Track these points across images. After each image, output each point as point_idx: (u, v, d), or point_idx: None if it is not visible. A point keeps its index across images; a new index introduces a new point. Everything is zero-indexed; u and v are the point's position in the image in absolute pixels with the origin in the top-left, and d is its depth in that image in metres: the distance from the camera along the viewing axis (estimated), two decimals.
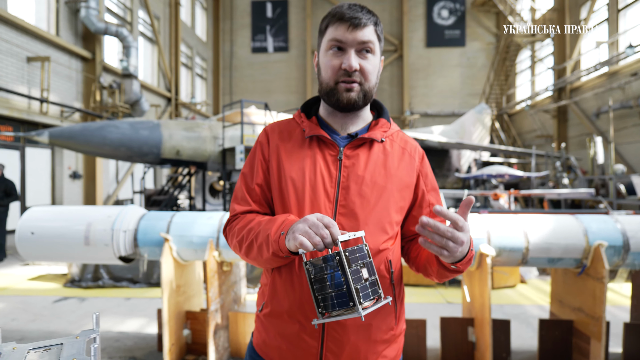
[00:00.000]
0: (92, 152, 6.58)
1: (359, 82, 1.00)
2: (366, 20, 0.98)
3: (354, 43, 0.98)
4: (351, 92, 0.99)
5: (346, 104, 1.01)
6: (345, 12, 0.98)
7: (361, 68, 0.99)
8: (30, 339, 3.38)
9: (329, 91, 1.02)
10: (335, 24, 0.99)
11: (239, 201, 1.06)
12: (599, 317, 2.50)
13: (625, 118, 12.70)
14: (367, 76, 1.00)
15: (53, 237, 2.87)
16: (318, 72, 1.07)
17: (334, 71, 1.00)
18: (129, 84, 12.69)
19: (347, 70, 0.98)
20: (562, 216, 2.75)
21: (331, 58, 1.00)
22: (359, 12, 0.98)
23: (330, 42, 1.00)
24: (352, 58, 0.97)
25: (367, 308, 0.81)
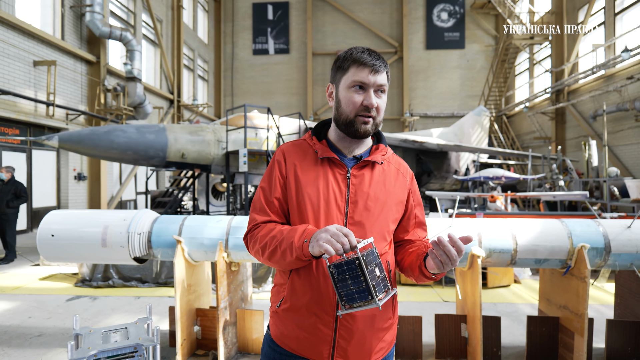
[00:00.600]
0: (100, 155, 6.77)
1: (373, 117, 1.19)
2: (383, 67, 1.19)
3: (374, 85, 1.18)
4: (367, 124, 1.19)
5: (362, 134, 1.21)
6: (367, 58, 1.18)
7: (377, 105, 1.19)
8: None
9: (348, 122, 1.21)
10: (357, 66, 1.18)
11: (259, 212, 1.25)
12: (582, 314, 2.69)
13: (622, 121, 12.89)
14: (380, 112, 1.21)
15: (72, 240, 3.06)
16: (336, 103, 1.25)
17: (355, 106, 1.19)
18: (132, 86, 12.89)
19: (368, 107, 1.17)
20: (548, 220, 2.94)
21: (353, 95, 1.19)
22: (377, 60, 1.18)
23: (354, 82, 1.18)
24: (372, 97, 1.17)
25: (382, 299, 1.00)
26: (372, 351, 1.17)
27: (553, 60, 16.87)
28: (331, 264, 1.03)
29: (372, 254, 1.04)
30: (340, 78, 1.23)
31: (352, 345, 1.15)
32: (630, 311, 3.08)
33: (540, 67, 18.57)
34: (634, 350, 2.95)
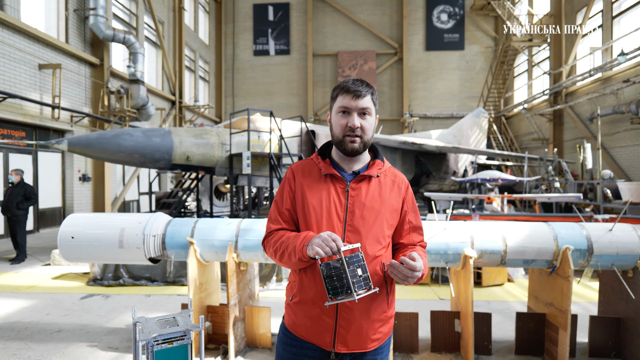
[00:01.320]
0: (107, 158, 6.98)
1: (359, 136, 1.40)
2: (365, 92, 1.39)
3: (357, 109, 1.39)
4: (354, 143, 1.40)
5: (350, 152, 1.42)
6: (350, 86, 1.40)
7: (361, 126, 1.40)
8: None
9: (338, 142, 1.43)
10: (343, 94, 1.41)
11: (273, 221, 1.48)
12: (566, 310, 2.91)
13: (618, 123, 13.10)
14: (365, 131, 1.41)
15: (91, 241, 3.27)
16: (330, 127, 1.48)
17: (342, 128, 1.41)
18: (136, 89, 13.10)
19: (352, 128, 1.39)
20: (536, 223, 3.16)
21: (340, 118, 1.41)
22: (359, 86, 1.39)
23: (340, 107, 1.41)
24: (355, 119, 1.38)
25: (361, 295, 1.22)
26: (369, 339, 1.39)
27: (551, 62, 17.08)
28: (322, 263, 1.26)
29: (357, 257, 1.26)
30: (332, 105, 1.46)
31: (351, 334, 1.36)
32: (613, 308, 3.30)
33: (538, 69, 18.78)
34: (615, 344, 3.17)
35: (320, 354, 1.40)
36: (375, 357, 1.42)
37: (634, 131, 12.38)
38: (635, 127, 12.21)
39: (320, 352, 1.40)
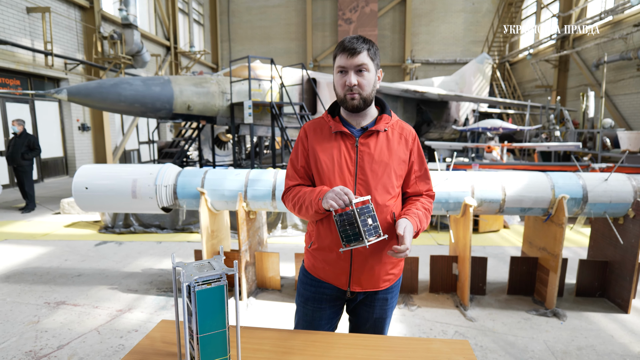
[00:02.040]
0: (108, 108, 6.93)
1: (358, 93, 1.45)
2: (360, 48, 1.41)
3: (352, 66, 1.42)
4: (354, 100, 1.45)
5: (352, 108, 1.48)
6: (346, 44, 1.42)
7: (359, 83, 1.44)
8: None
9: (341, 101, 1.49)
10: (340, 53, 1.43)
11: (290, 178, 1.57)
12: (557, 254, 3.11)
13: (624, 69, 12.84)
14: (363, 88, 1.45)
15: (105, 192, 3.39)
16: (334, 87, 1.52)
17: (342, 87, 1.45)
18: (129, 34, 12.61)
19: (349, 86, 1.43)
20: (534, 173, 3.26)
21: (339, 78, 1.46)
22: (355, 44, 1.41)
23: (337, 67, 1.45)
24: (352, 77, 1.42)
25: (371, 241, 1.34)
26: (380, 280, 1.54)
27: (561, 4, 16.34)
28: (336, 214, 1.37)
29: (367, 208, 1.37)
30: (334, 65, 1.49)
31: (364, 275, 1.51)
32: (602, 252, 3.50)
33: (547, 11, 17.99)
34: (600, 285, 3.41)
35: (337, 292, 1.56)
36: (386, 295, 1.58)
37: (639, 78, 12.18)
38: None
39: (337, 290, 1.55)
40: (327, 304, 1.58)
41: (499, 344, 2.72)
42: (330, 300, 1.58)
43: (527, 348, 2.66)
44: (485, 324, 2.99)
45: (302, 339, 1.44)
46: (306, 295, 1.60)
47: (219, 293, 1.15)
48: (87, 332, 2.92)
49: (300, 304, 1.64)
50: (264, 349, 1.36)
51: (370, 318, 1.60)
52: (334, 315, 1.62)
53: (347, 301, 1.62)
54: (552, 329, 2.90)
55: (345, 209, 1.36)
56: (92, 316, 3.16)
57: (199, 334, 1.14)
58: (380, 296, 1.57)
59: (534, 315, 3.12)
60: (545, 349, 2.65)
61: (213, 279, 1.14)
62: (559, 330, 2.89)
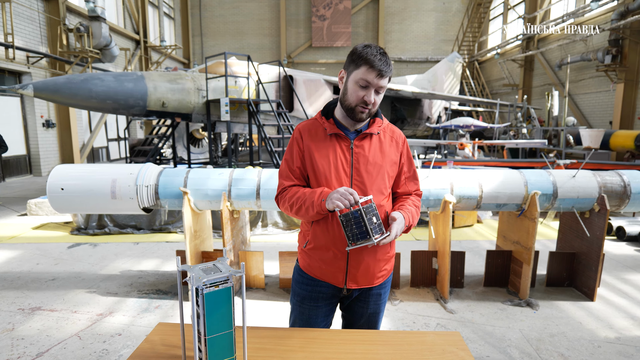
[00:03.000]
0: (78, 105, 6.67)
1: (369, 109, 1.50)
2: (388, 72, 1.46)
3: (376, 86, 1.46)
4: (363, 114, 1.50)
5: (358, 120, 1.53)
6: (377, 64, 1.42)
7: (374, 102, 1.48)
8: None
9: (350, 109, 1.51)
10: (368, 68, 1.44)
11: (285, 178, 1.60)
12: (530, 247, 3.28)
13: (584, 70, 13.52)
14: (375, 105, 1.51)
15: (83, 193, 3.29)
16: (344, 89, 1.53)
17: (358, 99, 1.48)
18: (97, 26, 12.15)
19: (367, 102, 1.47)
20: (509, 170, 3.42)
21: (358, 89, 1.47)
22: (385, 66, 1.44)
23: (361, 80, 1.45)
24: (372, 95, 1.46)
25: (378, 239, 1.40)
26: (375, 276, 1.60)
27: (526, 6, 16.98)
28: (341, 214, 1.42)
29: (371, 207, 1.43)
30: (352, 71, 1.49)
31: (360, 272, 1.56)
32: (569, 244, 3.72)
33: (514, 12, 18.65)
34: (568, 275, 3.63)
35: (333, 290, 1.61)
36: (380, 290, 1.65)
37: (598, 78, 12.87)
38: (599, 75, 12.67)
39: (333, 288, 1.60)
40: (323, 302, 1.63)
41: (478, 334, 2.85)
42: (327, 298, 1.63)
43: (504, 337, 2.81)
44: (465, 316, 3.13)
45: (302, 336, 1.48)
46: (302, 294, 1.64)
47: (226, 295, 1.17)
48: (67, 337, 2.84)
49: (296, 303, 1.67)
50: (266, 348, 1.39)
51: (365, 314, 1.66)
52: (329, 313, 1.67)
53: (342, 298, 1.67)
54: (527, 318, 3.07)
55: (349, 209, 1.41)
56: (71, 321, 3.08)
57: (207, 335, 1.16)
58: (375, 292, 1.63)
59: (509, 305, 3.29)
60: (521, 337, 2.80)
61: (220, 280, 1.16)
62: (533, 319, 3.06)
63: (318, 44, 22.17)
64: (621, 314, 3.15)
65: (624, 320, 3.04)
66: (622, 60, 11.54)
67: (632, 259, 4.45)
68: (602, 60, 11.82)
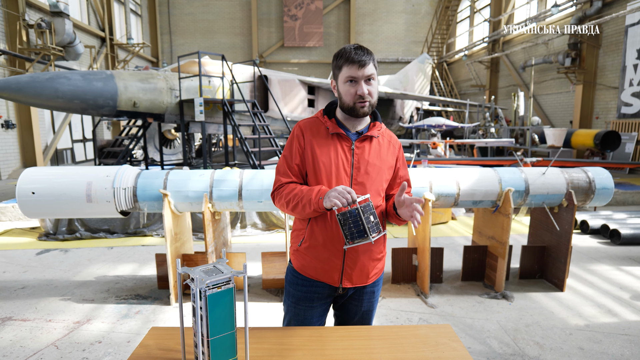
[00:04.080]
0: (43, 105, 6.37)
1: (368, 101, 1.53)
2: (368, 60, 1.49)
3: (363, 77, 1.50)
4: (364, 107, 1.53)
5: (362, 115, 1.55)
6: (354, 57, 1.48)
7: (369, 92, 1.52)
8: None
9: (350, 109, 1.54)
10: (348, 65, 1.49)
11: (282, 175, 1.60)
12: (505, 242, 3.42)
13: (546, 72, 14.17)
14: (372, 95, 1.54)
15: (55, 196, 3.16)
16: (339, 95, 1.58)
17: (352, 96, 1.51)
18: (60, 22, 11.62)
19: (361, 96, 1.50)
20: (484, 169, 3.56)
21: (349, 88, 1.51)
22: (363, 56, 1.48)
23: (347, 77, 1.50)
24: (363, 87, 1.50)
25: (375, 237, 1.43)
26: (369, 275, 1.63)
27: (492, 9, 17.60)
28: (339, 213, 1.44)
29: (368, 206, 1.46)
30: (338, 75, 1.55)
31: (356, 271, 1.59)
32: (540, 238, 3.91)
33: (480, 15, 19.29)
34: (539, 267, 3.81)
35: (328, 289, 1.63)
36: (373, 288, 1.68)
37: (559, 80, 13.53)
38: (560, 76, 13.32)
39: (328, 288, 1.62)
40: (319, 302, 1.65)
41: (459, 327, 2.96)
42: (322, 298, 1.65)
43: (483, 329, 2.92)
44: (445, 310, 3.23)
45: (299, 335, 1.50)
46: (297, 295, 1.65)
47: (229, 296, 1.18)
48: (43, 348, 2.73)
49: (291, 305, 1.68)
50: (265, 347, 1.40)
51: (358, 311, 1.69)
52: (323, 312, 1.69)
53: (336, 297, 1.70)
54: (503, 310, 3.21)
55: (347, 208, 1.43)
56: (47, 330, 2.95)
57: (209, 337, 1.15)
58: (368, 290, 1.67)
59: (486, 298, 3.42)
60: (499, 328, 2.93)
61: (223, 282, 1.16)
62: (509, 311, 3.20)
63: (290, 43, 22.12)
64: (589, 302, 3.34)
65: (591, 309, 3.23)
66: (580, 63, 12.18)
67: (595, 250, 4.73)
68: (562, 63, 12.43)
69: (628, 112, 10.63)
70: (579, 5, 12.22)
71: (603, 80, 11.71)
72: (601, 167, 3.63)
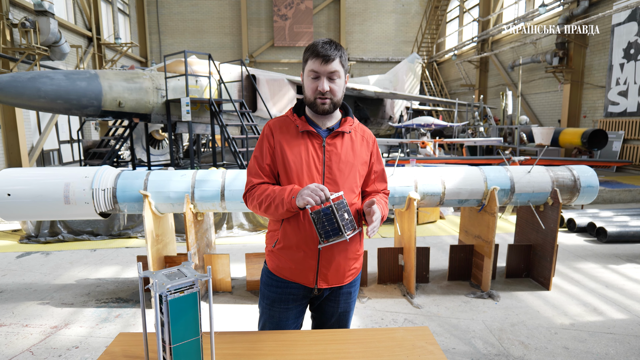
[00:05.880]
0: (25, 105, 6.25)
1: (329, 98, 1.49)
2: (334, 56, 1.45)
3: (325, 73, 1.45)
4: (325, 105, 1.49)
5: (322, 112, 1.51)
6: (319, 50, 1.43)
7: (331, 89, 1.47)
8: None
9: (311, 104, 1.51)
10: (313, 58, 1.45)
11: (254, 175, 1.55)
12: (490, 241, 3.41)
13: (534, 71, 14.27)
14: (335, 93, 1.49)
15: (32, 198, 3.07)
16: (303, 89, 1.55)
17: (313, 91, 1.48)
18: (44, 22, 11.42)
19: (321, 92, 1.46)
20: (470, 167, 3.54)
21: (310, 82, 1.48)
22: (328, 50, 1.44)
23: (310, 72, 1.46)
24: (325, 83, 1.46)
25: (350, 234, 1.39)
26: (345, 275, 1.59)
27: (481, 9, 17.70)
28: (312, 211, 1.40)
29: (342, 203, 1.42)
30: (304, 67, 1.52)
31: (331, 272, 1.55)
32: (526, 237, 3.90)
33: (469, 15, 19.39)
34: (525, 266, 3.81)
35: (304, 290, 1.58)
36: (350, 289, 1.64)
37: (547, 79, 13.63)
38: (548, 76, 13.43)
39: (303, 289, 1.58)
40: (294, 303, 1.60)
41: (444, 327, 2.93)
42: (297, 300, 1.60)
43: (468, 329, 2.90)
44: (431, 310, 3.20)
45: (272, 339, 1.45)
46: (272, 297, 1.60)
47: (192, 300, 1.12)
48: (17, 354, 2.64)
49: (265, 307, 1.63)
50: (235, 353, 1.34)
51: (335, 313, 1.65)
52: (299, 314, 1.65)
53: (312, 299, 1.65)
54: (489, 309, 3.19)
55: (321, 206, 1.39)
56: (22, 336, 2.87)
57: (172, 344, 1.10)
58: (345, 290, 1.63)
59: (472, 298, 3.40)
60: (484, 328, 2.90)
61: (185, 286, 1.11)
62: (495, 310, 3.18)
63: (280, 43, 22.04)
64: (575, 301, 3.34)
65: (577, 307, 3.22)
66: (568, 62, 12.29)
67: (582, 249, 4.74)
68: (550, 62, 12.52)
69: (615, 111, 10.74)
70: (566, 5, 12.33)
71: (590, 80, 11.82)
72: (586, 165, 3.63)
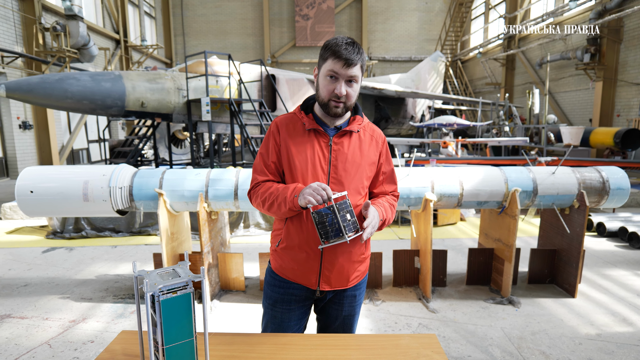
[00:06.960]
0: (53, 105, 6.47)
1: (344, 102, 1.44)
2: (356, 60, 1.39)
3: (345, 76, 1.40)
4: (338, 108, 1.44)
5: (333, 115, 1.47)
6: (342, 52, 1.37)
7: (347, 93, 1.42)
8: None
9: (324, 104, 1.46)
10: (334, 59, 1.39)
11: (259, 173, 1.52)
12: (512, 244, 3.27)
13: (564, 69, 13.74)
14: (350, 98, 1.45)
15: (53, 195, 3.16)
16: (317, 85, 1.49)
17: (329, 92, 1.42)
18: (74, 25, 11.84)
19: (338, 95, 1.41)
20: (490, 168, 3.41)
21: (328, 83, 1.42)
22: (352, 54, 1.38)
23: (329, 71, 1.40)
24: (343, 87, 1.40)
25: (351, 236, 1.34)
26: (349, 278, 1.54)
27: (507, 5, 17.20)
28: (314, 211, 1.35)
29: (345, 203, 1.37)
30: (321, 65, 1.45)
31: (334, 274, 1.50)
32: (550, 241, 3.74)
33: (495, 12, 18.88)
34: (549, 271, 3.64)
35: (306, 292, 1.54)
36: (355, 292, 1.59)
37: (578, 77, 13.10)
38: (579, 73, 12.90)
39: (306, 290, 1.54)
40: (296, 304, 1.56)
41: (460, 333, 2.83)
42: (299, 301, 1.56)
43: (486, 336, 2.79)
44: (447, 315, 3.10)
45: (272, 342, 1.41)
46: (274, 297, 1.57)
47: (186, 301, 1.10)
48: (36, 346, 2.72)
49: (268, 307, 1.60)
50: (233, 356, 1.32)
51: (339, 316, 1.60)
52: (303, 316, 1.61)
53: (316, 300, 1.61)
54: (508, 316, 3.06)
55: (322, 206, 1.35)
56: (42, 329, 2.95)
57: (164, 345, 1.08)
58: (349, 293, 1.58)
59: (491, 303, 3.28)
60: (502, 336, 2.79)
61: (179, 286, 1.09)
62: (515, 317, 3.05)
63: (302, 43, 22.09)
64: (602, 310, 3.17)
65: (604, 317, 3.05)
66: (600, 58, 11.76)
67: (612, 254, 4.51)
68: (581, 59, 12.02)
69: None
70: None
71: (625, 77, 11.27)
72: (617, 167, 3.44)
